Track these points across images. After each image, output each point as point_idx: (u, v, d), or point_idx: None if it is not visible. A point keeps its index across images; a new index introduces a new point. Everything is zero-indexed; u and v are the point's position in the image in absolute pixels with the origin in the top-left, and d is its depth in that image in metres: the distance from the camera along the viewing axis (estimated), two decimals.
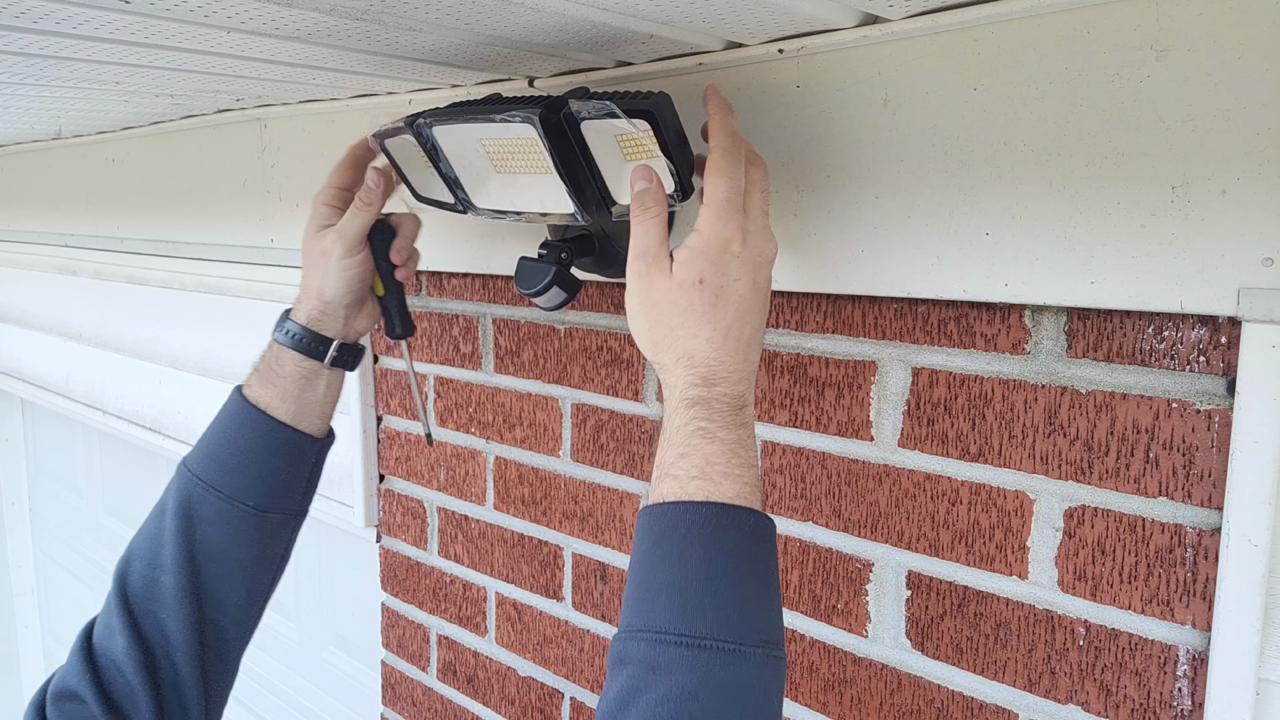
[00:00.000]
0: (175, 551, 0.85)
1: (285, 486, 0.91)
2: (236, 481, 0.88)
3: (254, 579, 0.91)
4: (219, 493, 0.87)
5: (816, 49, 0.80)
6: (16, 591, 3.12)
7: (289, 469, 0.92)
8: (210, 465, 0.88)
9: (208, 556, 0.86)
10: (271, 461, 0.90)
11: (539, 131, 0.74)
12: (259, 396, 0.90)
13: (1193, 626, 0.68)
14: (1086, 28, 0.66)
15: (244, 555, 0.88)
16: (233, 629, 0.89)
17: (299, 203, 1.41)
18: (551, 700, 1.18)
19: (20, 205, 2.31)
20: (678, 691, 0.57)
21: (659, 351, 0.68)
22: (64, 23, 0.75)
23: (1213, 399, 0.66)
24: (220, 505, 0.87)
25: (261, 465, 0.89)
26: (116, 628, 0.83)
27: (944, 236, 0.75)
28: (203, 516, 0.86)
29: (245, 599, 0.90)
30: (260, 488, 0.89)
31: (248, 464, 0.88)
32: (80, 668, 0.82)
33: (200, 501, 0.87)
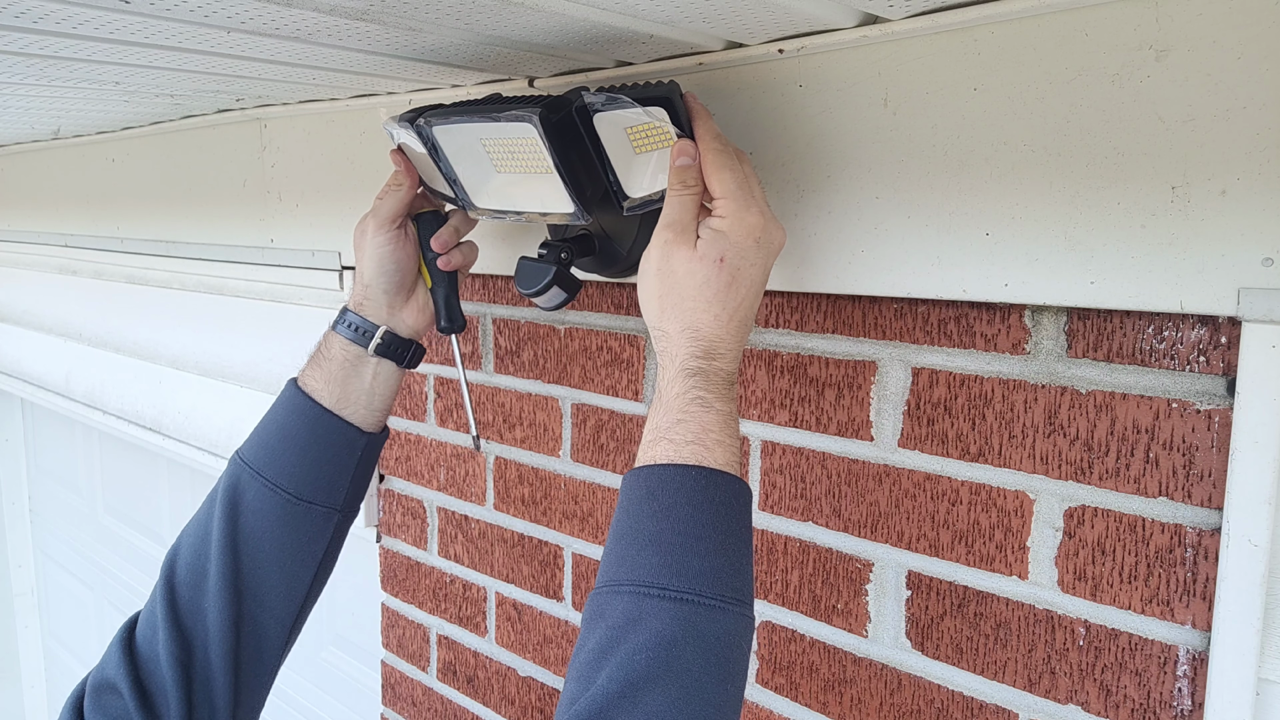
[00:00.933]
0: (220, 538, 0.85)
1: (328, 477, 0.90)
2: (279, 466, 0.87)
3: (292, 574, 0.89)
4: (262, 477, 0.86)
5: (816, 49, 0.80)
6: (16, 591, 3.12)
7: (332, 459, 0.90)
8: (257, 449, 0.88)
9: (248, 543, 0.85)
10: (314, 449, 0.88)
11: (539, 131, 0.74)
12: (307, 380, 0.90)
13: (1193, 626, 0.68)
14: (1086, 28, 0.66)
15: (282, 545, 0.87)
16: (271, 626, 0.88)
17: (299, 203, 1.41)
18: (551, 700, 1.18)
19: (20, 205, 2.31)
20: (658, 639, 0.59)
21: (665, 319, 0.70)
22: (64, 23, 0.75)
23: (1213, 399, 0.66)
24: (263, 490, 0.86)
25: (304, 451, 0.88)
26: (159, 619, 0.83)
27: (944, 236, 0.75)
28: (246, 502, 0.86)
29: (284, 594, 0.88)
30: (301, 475, 0.87)
31: (290, 448, 0.87)
32: (118, 658, 0.82)
33: (245, 487, 0.86)
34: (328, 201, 1.36)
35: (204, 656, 0.83)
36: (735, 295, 0.69)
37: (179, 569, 0.86)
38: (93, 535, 2.72)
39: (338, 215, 1.35)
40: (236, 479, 0.87)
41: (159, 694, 0.80)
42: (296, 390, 0.90)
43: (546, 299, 0.88)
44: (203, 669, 0.83)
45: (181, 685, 0.81)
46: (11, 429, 3.06)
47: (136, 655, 0.83)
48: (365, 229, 0.91)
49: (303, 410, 0.89)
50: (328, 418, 0.89)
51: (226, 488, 0.87)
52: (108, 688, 0.81)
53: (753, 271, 0.70)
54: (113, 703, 0.80)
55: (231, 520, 0.85)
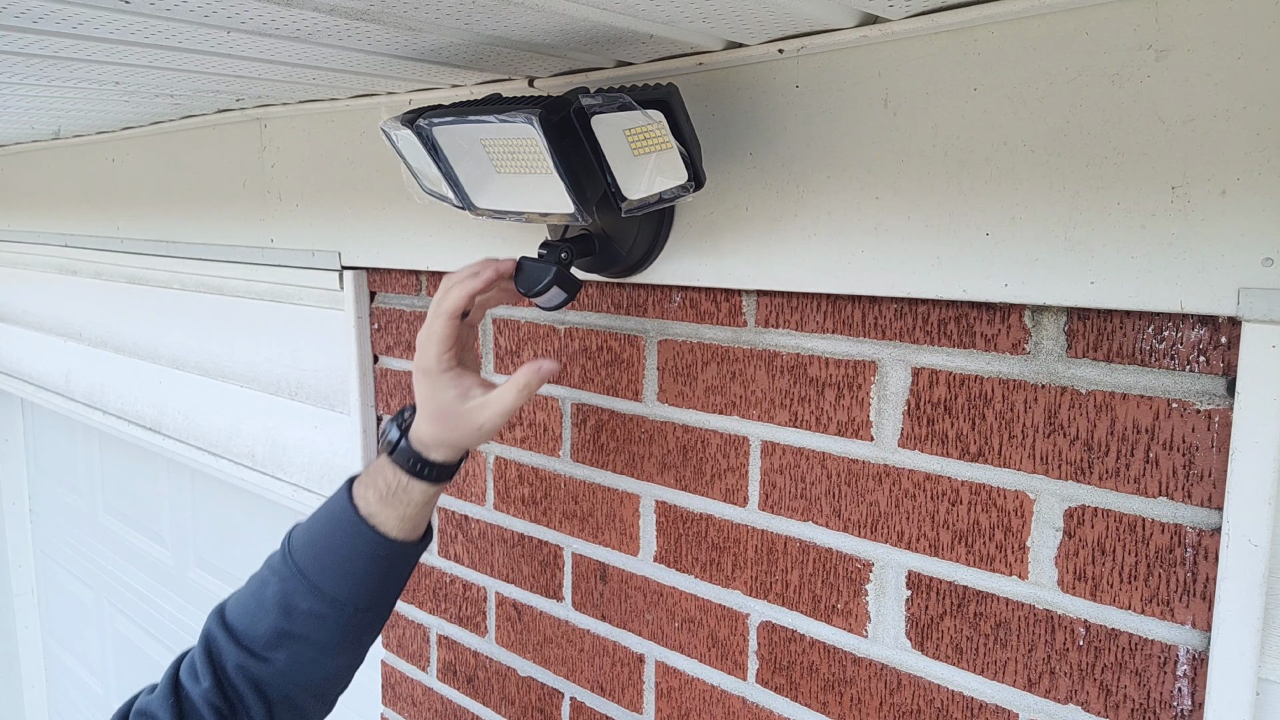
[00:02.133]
0: (268, 636, 0.87)
1: (391, 589, 0.93)
2: (341, 587, 0.88)
3: (345, 666, 0.93)
4: (320, 592, 0.87)
5: (816, 49, 0.80)
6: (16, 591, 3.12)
7: (397, 576, 0.93)
8: (316, 565, 0.88)
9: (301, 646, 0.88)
10: (381, 572, 0.90)
11: (539, 131, 0.74)
12: (375, 514, 0.89)
13: (1193, 626, 0.68)
14: (1086, 28, 0.66)
15: (339, 647, 0.90)
16: (313, 704, 0.92)
17: (299, 203, 1.41)
18: (551, 700, 1.18)
19: (20, 205, 2.31)
20: None
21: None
22: (64, 23, 0.75)
23: (1213, 399, 0.66)
24: (321, 606, 0.87)
25: (372, 577, 0.89)
26: (201, 674, 0.86)
27: (944, 237, 0.75)
28: (301, 610, 0.87)
29: (332, 682, 0.92)
30: (365, 593, 0.89)
31: (357, 575, 0.89)
32: (165, 694, 0.86)
33: (302, 597, 0.87)
34: (328, 201, 1.36)
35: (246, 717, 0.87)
36: None
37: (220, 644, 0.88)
38: (93, 535, 2.72)
39: (338, 215, 1.35)
40: (293, 588, 0.88)
41: None
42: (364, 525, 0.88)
43: (547, 299, 0.88)
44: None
45: None
46: (11, 429, 3.06)
47: (181, 696, 0.86)
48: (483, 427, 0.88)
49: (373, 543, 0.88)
50: (400, 547, 0.90)
51: (281, 593, 0.88)
52: (151, 717, 0.85)
53: None
54: None
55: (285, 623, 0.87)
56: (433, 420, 0.88)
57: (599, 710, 1.12)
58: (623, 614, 1.08)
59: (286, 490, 1.60)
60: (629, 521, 1.06)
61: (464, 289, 0.85)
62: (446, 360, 0.86)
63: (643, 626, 1.06)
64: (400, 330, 1.34)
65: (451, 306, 0.85)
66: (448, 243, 1.19)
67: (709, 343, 0.96)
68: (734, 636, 0.97)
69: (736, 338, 0.93)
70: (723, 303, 0.94)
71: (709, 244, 0.91)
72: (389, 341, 1.36)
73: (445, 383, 0.87)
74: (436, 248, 1.20)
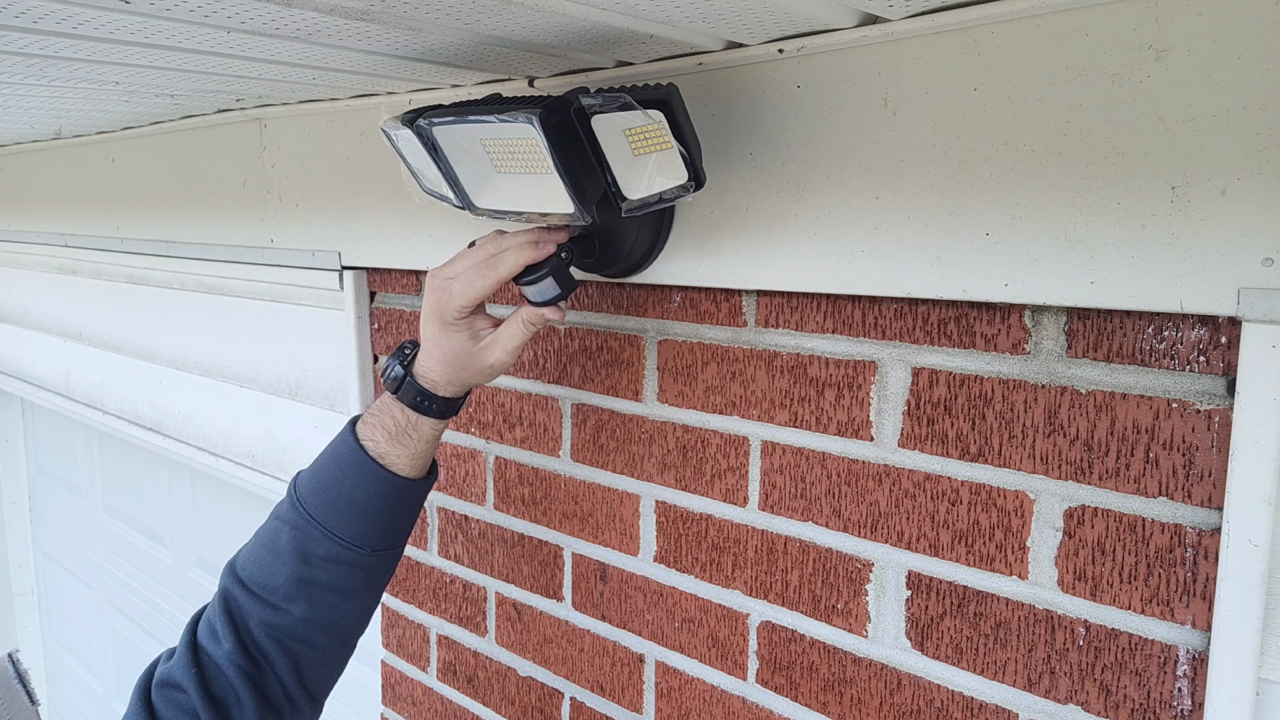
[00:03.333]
0: (288, 586, 0.87)
1: (403, 527, 0.93)
2: (356, 529, 0.88)
3: (365, 605, 0.93)
4: (336, 538, 0.88)
5: (816, 49, 0.80)
6: (16, 591, 3.12)
7: (408, 513, 0.93)
8: (329, 511, 0.88)
9: (322, 590, 0.88)
10: (394, 511, 0.91)
11: (539, 131, 0.74)
12: (386, 454, 0.89)
13: (1193, 626, 0.68)
14: (1086, 28, 0.66)
15: (359, 588, 0.90)
16: (338, 649, 0.92)
17: (299, 203, 1.41)
18: (551, 700, 1.18)
19: (20, 205, 2.31)
20: None
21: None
22: (64, 23, 0.75)
23: (1213, 399, 0.66)
24: (338, 550, 0.88)
25: (384, 516, 0.90)
26: (222, 634, 0.85)
27: (944, 236, 0.75)
28: (319, 556, 0.87)
29: (354, 623, 0.92)
30: (379, 534, 0.90)
31: (371, 516, 0.89)
32: (186, 661, 0.85)
33: (317, 543, 0.88)
34: (328, 201, 1.36)
35: (272, 673, 0.86)
36: None
37: (239, 599, 0.88)
38: (93, 535, 2.72)
39: (338, 215, 1.35)
40: (306, 534, 0.88)
41: (229, 696, 0.84)
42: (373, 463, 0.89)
43: (538, 290, 0.87)
44: (273, 682, 0.86)
45: (252, 691, 0.84)
46: (11, 429, 3.06)
47: (201, 660, 0.85)
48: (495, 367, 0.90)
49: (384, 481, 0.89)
50: (409, 484, 0.91)
51: (295, 540, 0.88)
52: (173, 685, 0.84)
53: None
54: (179, 698, 0.83)
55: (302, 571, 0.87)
56: (442, 361, 0.89)
57: (599, 710, 1.12)
58: (623, 614, 1.08)
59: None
60: (629, 521, 1.06)
61: (525, 256, 0.85)
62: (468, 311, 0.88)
63: (643, 626, 1.06)
64: (400, 330, 1.34)
65: (508, 272, 0.85)
66: (448, 243, 1.18)
67: (709, 343, 0.96)
68: (734, 636, 0.97)
69: (736, 338, 0.93)
70: (723, 303, 0.94)
71: (709, 244, 0.91)
72: (389, 341, 1.36)
73: (460, 328, 0.88)
74: (436, 248, 1.20)
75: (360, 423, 0.91)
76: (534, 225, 0.89)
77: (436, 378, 0.89)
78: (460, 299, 0.86)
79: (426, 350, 0.90)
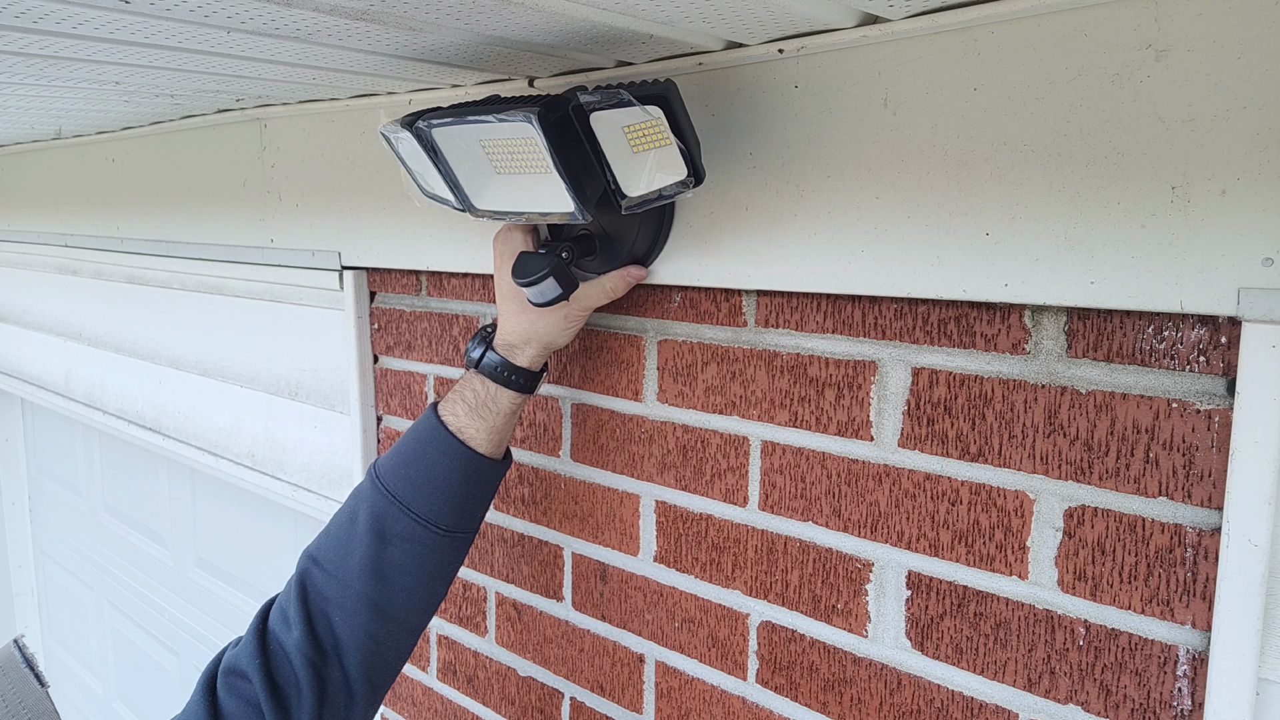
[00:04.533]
0: (363, 565, 0.88)
1: (476, 509, 0.95)
2: (432, 506, 0.90)
3: (435, 591, 0.93)
4: (412, 514, 0.89)
5: (816, 49, 0.80)
6: (16, 591, 3.12)
7: (482, 495, 0.95)
8: (407, 487, 0.90)
9: (396, 570, 0.89)
10: (468, 489, 0.92)
11: (538, 129, 0.74)
12: (465, 428, 0.92)
13: (1193, 626, 0.68)
14: (1086, 28, 0.66)
15: (431, 571, 0.91)
16: (405, 637, 0.92)
17: (299, 203, 1.41)
18: (551, 700, 1.18)
19: (20, 205, 2.31)
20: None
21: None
22: (64, 23, 0.75)
23: (1213, 399, 0.66)
24: (414, 527, 0.89)
25: (459, 493, 0.91)
26: (293, 619, 0.86)
27: (944, 236, 0.75)
28: (395, 533, 0.89)
29: (424, 609, 0.93)
30: (454, 512, 0.91)
31: (447, 492, 0.90)
32: (252, 649, 0.86)
33: (394, 520, 0.89)
34: (328, 201, 1.36)
35: (338, 663, 0.87)
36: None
37: (314, 580, 0.89)
38: (93, 535, 2.72)
39: (338, 215, 1.35)
40: (383, 510, 0.89)
41: (290, 687, 0.84)
42: (452, 438, 0.91)
43: (539, 291, 0.87)
44: (337, 672, 0.87)
45: (314, 683, 0.84)
46: (11, 429, 3.06)
47: (269, 648, 0.86)
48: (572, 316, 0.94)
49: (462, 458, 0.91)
50: (487, 464, 0.92)
51: (372, 516, 0.89)
52: (239, 673, 0.85)
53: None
54: (243, 687, 0.84)
55: (377, 549, 0.88)
56: (519, 314, 0.92)
57: (599, 710, 1.12)
58: (623, 614, 1.08)
59: (286, 490, 1.60)
60: (629, 521, 1.06)
61: None
62: None
63: (643, 626, 1.06)
64: (400, 330, 1.34)
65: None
66: (448, 243, 1.19)
67: (709, 343, 0.96)
68: (734, 636, 0.97)
69: (736, 338, 0.93)
70: (723, 303, 0.94)
71: (709, 244, 0.91)
72: (389, 341, 1.36)
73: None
74: (436, 248, 1.20)
75: (441, 403, 0.94)
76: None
77: (514, 338, 0.93)
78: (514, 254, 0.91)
79: (503, 311, 0.93)
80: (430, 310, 1.29)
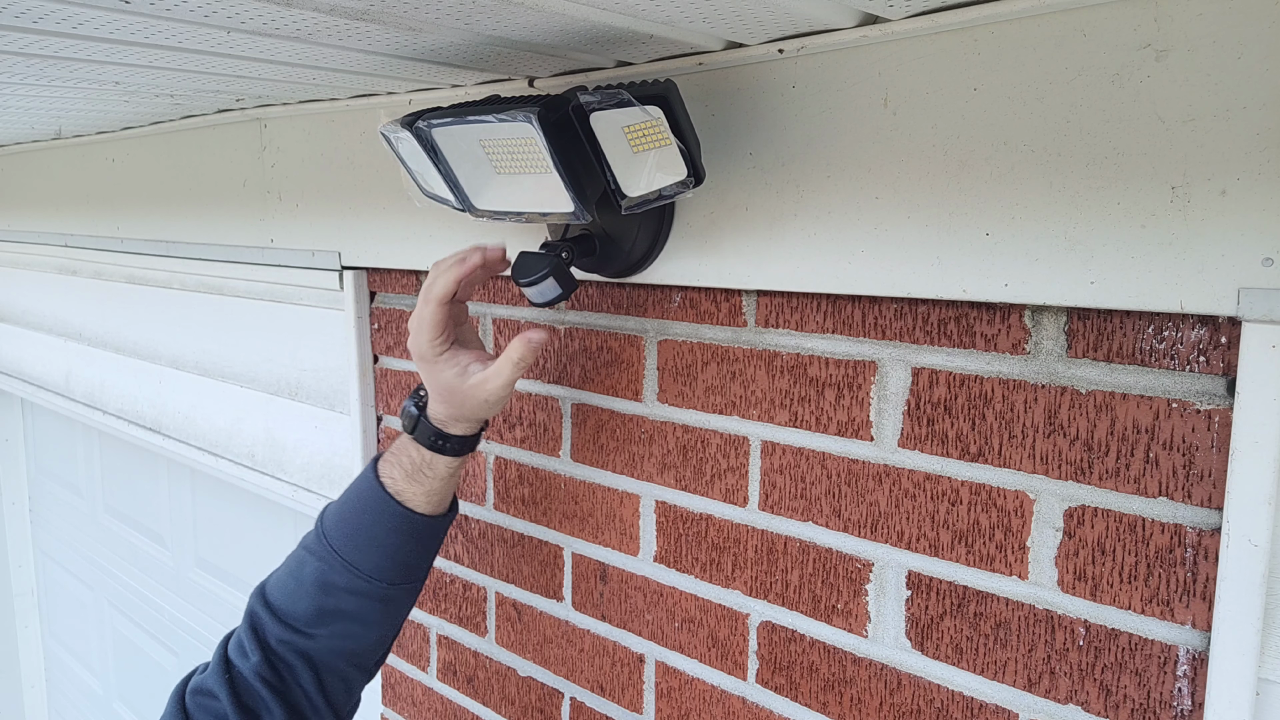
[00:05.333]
0: (309, 613, 0.91)
1: (420, 561, 0.96)
2: (375, 563, 0.91)
3: (383, 636, 0.96)
4: (355, 570, 0.91)
5: (816, 49, 0.80)
6: (16, 591, 3.12)
7: (425, 548, 0.95)
8: (349, 543, 0.92)
9: (343, 619, 0.91)
10: (410, 546, 0.93)
11: (538, 129, 0.74)
12: (403, 491, 0.92)
13: (1193, 626, 0.68)
14: (1086, 28, 0.66)
15: (378, 619, 0.93)
16: (358, 674, 0.96)
17: (299, 203, 1.41)
18: (551, 700, 1.18)
19: (20, 205, 2.31)
20: None
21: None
22: (64, 23, 0.75)
23: (1213, 399, 0.66)
24: (357, 582, 0.91)
25: (400, 552, 0.92)
26: (248, 649, 0.90)
27: (944, 236, 0.75)
28: (339, 586, 0.91)
29: (371, 651, 0.96)
30: (397, 568, 0.92)
31: (388, 551, 0.92)
32: (217, 671, 0.90)
33: (338, 574, 0.91)
34: (328, 201, 1.36)
35: (296, 685, 0.90)
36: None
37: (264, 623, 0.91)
38: (93, 535, 2.72)
39: (338, 215, 1.35)
40: (328, 565, 0.91)
41: (259, 705, 0.88)
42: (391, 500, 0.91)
43: (539, 291, 0.88)
44: (297, 691, 0.90)
45: (280, 701, 0.88)
46: (11, 429, 3.06)
47: (231, 671, 0.90)
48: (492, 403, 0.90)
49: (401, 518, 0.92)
50: (427, 521, 0.93)
51: (318, 571, 0.91)
52: (207, 693, 0.89)
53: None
54: (212, 705, 0.88)
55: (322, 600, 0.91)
56: (440, 399, 0.91)
57: (599, 710, 1.12)
58: (623, 614, 1.08)
59: (286, 490, 1.60)
60: (629, 521, 1.06)
61: (451, 275, 0.88)
62: (439, 345, 0.89)
63: (643, 626, 1.06)
64: (400, 330, 1.34)
65: (440, 293, 0.87)
66: (447, 243, 1.18)
67: (709, 343, 0.96)
68: (734, 636, 0.97)
69: (736, 338, 0.93)
70: (723, 303, 0.94)
71: (709, 244, 0.91)
72: (389, 341, 1.36)
73: (442, 364, 0.90)
74: (436, 248, 1.20)
75: (381, 460, 0.94)
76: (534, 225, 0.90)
77: (442, 416, 0.92)
78: (415, 335, 0.89)
79: (429, 391, 0.93)
80: None
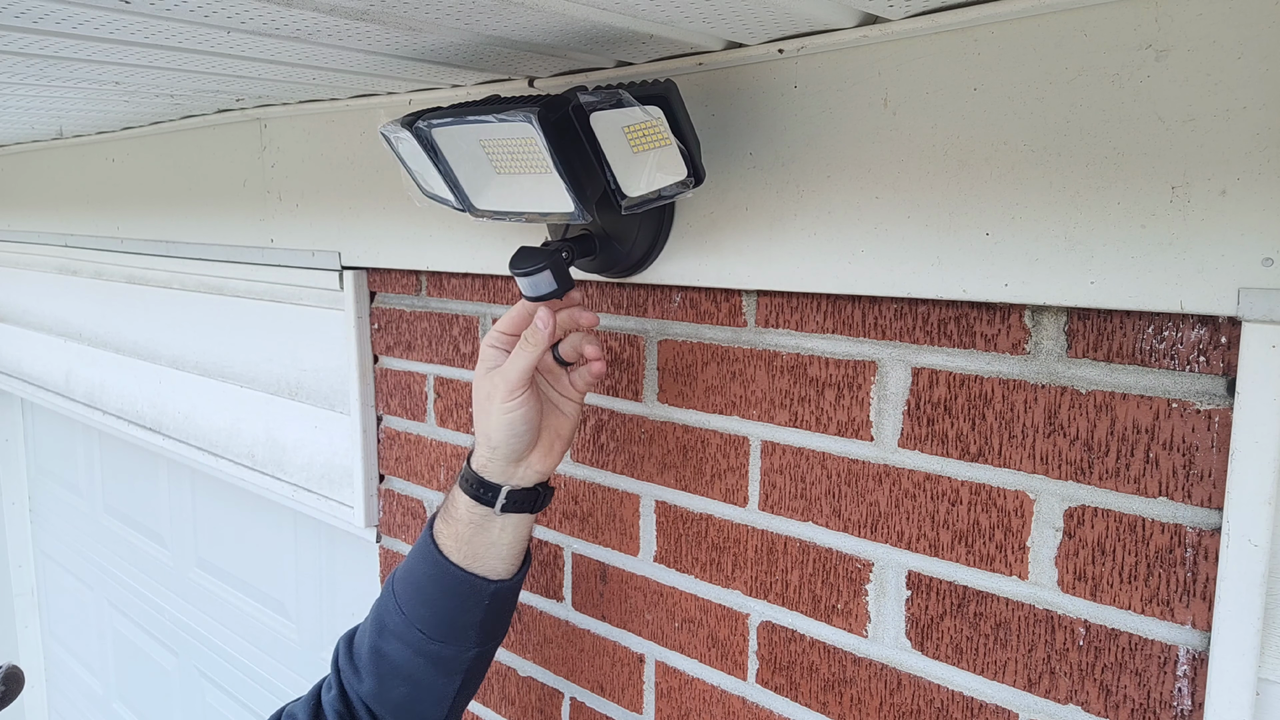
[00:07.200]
0: (366, 655, 0.93)
1: (458, 623, 0.92)
2: (414, 609, 0.91)
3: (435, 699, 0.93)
4: (402, 613, 0.92)
5: (816, 49, 0.80)
6: (16, 591, 3.12)
7: (461, 609, 0.91)
8: (401, 585, 0.93)
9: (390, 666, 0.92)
10: (443, 599, 0.91)
11: (538, 129, 0.74)
12: (440, 532, 0.92)
13: (1193, 626, 0.68)
14: (1086, 28, 0.66)
15: (421, 676, 0.92)
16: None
17: (299, 203, 1.41)
18: (551, 700, 1.18)
19: (20, 205, 2.31)
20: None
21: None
22: (64, 23, 0.75)
23: (1213, 399, 0.66)
24: (400, 625, 0.92)
25: (434, 601, 0.91)
26: (330, 682, 0.96)
27: (944, 236, 0.75)
28: (388, 628, 0.92)
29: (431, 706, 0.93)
30: (432, 619, 0.91)
31: (423, 596, 0.92)
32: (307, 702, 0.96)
33: (390, 615, 0.93)
34: (328, 201, 1.36)
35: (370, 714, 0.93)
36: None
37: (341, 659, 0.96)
38: (93, 535, 2.72)
39: (338, 215, 1.35)
40: (385, 603, 0.94)
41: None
42: (430, 541, 0.92)
43: (533, 283, 0.86)
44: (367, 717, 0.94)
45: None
46: (11, 429, 3.06)
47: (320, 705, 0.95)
48: (493, 395, 0.87)
49: (431, 561, 0.91)
50: (455, 572, 0.90)
51: (377, 607, 0.95)
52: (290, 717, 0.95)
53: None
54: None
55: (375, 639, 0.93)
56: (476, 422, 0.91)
57: (599, 710, 1.12)
58: (623, 614, 1.08)
59: (286, 490, 1.60)
60: (629, 521, 1.06)
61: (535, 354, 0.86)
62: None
63: (643, 626, 1.06)
64: (400, 330, 1.34)
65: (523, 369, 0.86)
66: (448, 243, 1.19)
67: (709, 343, 0.96)
68: (734, 636, 0.97)
69: (736, 338, 0.93)
70: (723, 303, 0.94)
71: (709, 244, 0.91)
72: (389, 341, 1.36)
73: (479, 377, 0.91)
74: (436, 248, 1.20)
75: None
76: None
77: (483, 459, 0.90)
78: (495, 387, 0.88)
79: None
80: (430, 310, 1.29)
